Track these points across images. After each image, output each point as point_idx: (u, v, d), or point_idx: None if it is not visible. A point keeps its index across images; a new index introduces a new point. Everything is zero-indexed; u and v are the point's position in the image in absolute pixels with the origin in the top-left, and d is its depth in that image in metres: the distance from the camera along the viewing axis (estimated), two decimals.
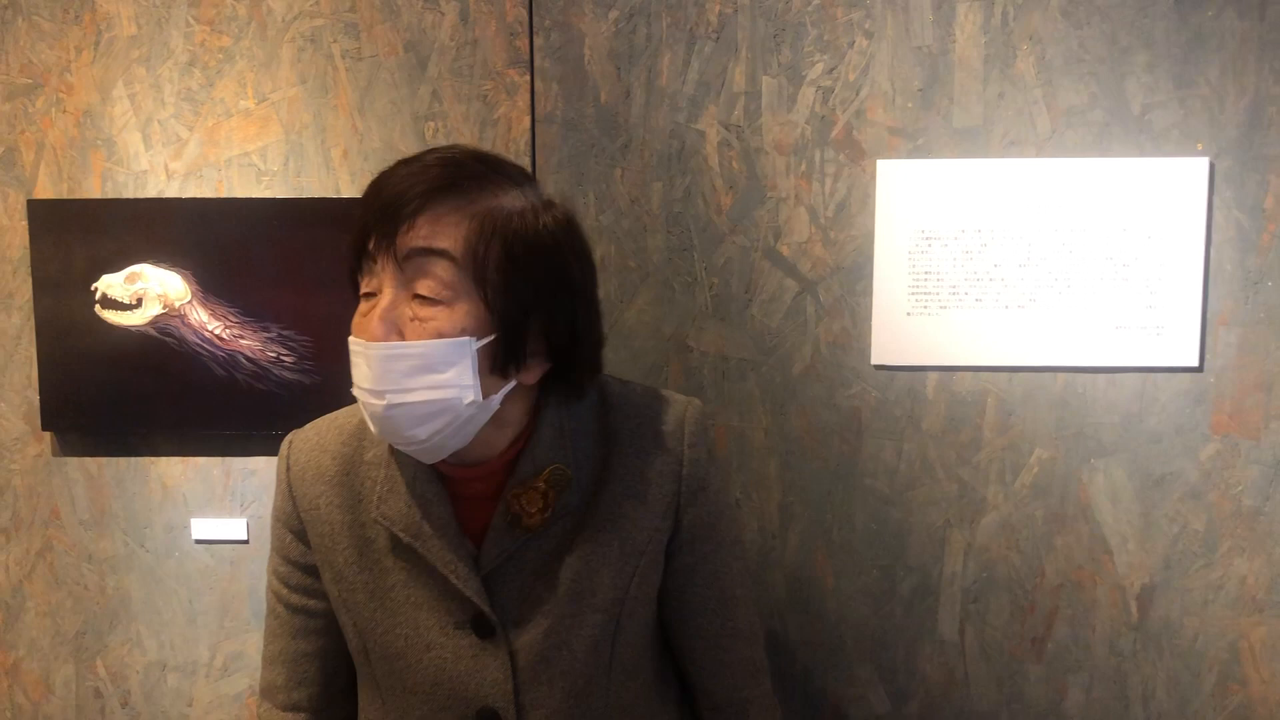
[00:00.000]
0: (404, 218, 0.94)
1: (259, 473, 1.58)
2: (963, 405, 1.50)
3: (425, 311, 0.95)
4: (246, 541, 1.59)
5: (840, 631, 1.55)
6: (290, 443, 1.15)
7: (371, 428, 1.00)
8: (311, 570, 1.12)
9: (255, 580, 1.60)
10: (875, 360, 1.49)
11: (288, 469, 1.13)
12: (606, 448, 1.08)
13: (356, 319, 0.99)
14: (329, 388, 1.52)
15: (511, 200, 0.98)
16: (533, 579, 1.05)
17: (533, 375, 1.02)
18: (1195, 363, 1.46)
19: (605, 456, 1.08)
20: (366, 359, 0.96)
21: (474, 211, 0.95)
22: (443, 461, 1.04)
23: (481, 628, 1.05)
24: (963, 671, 1.54)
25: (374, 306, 0.96)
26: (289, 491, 1.12)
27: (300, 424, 1.51)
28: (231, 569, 1.60)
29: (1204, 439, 1.47)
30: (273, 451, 1.57)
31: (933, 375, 1.50)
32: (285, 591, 1.15)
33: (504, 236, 0.95)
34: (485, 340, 0.96)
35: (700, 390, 1.52)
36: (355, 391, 0.99)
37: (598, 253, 1.50)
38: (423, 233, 0.94)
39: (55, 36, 1.53)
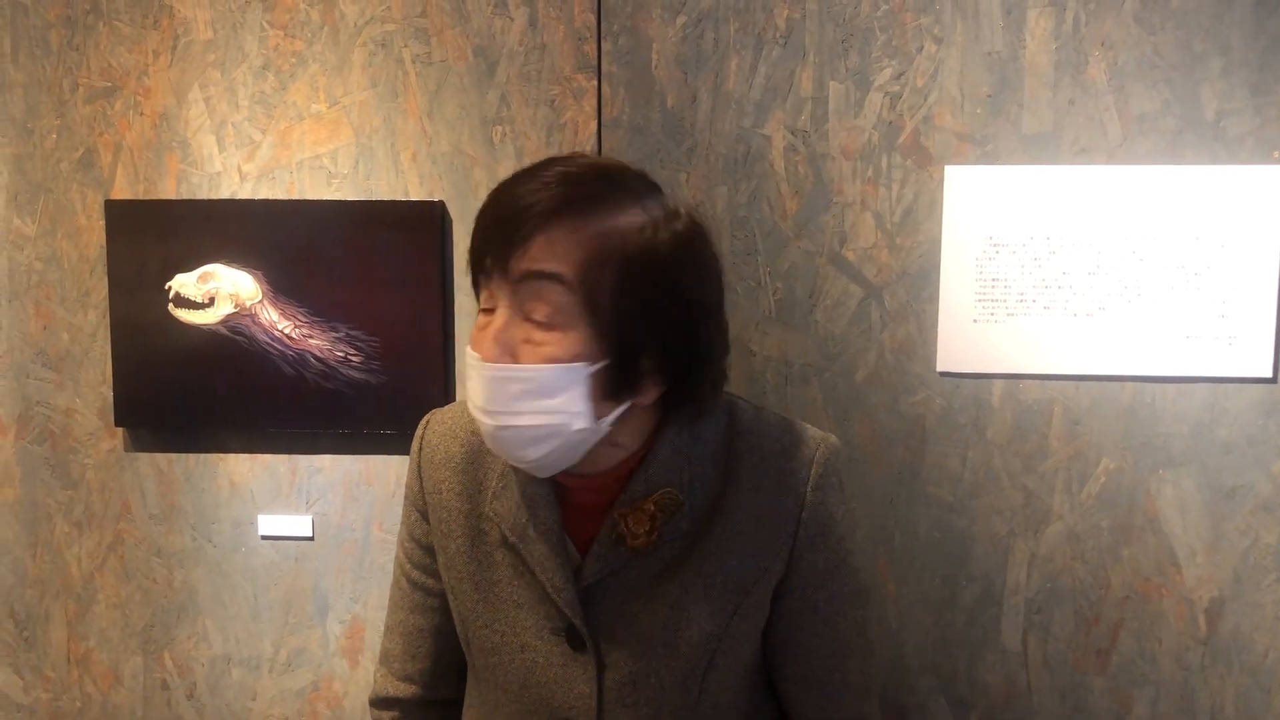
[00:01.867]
0: (518, 240, 0.92)
1: (325, 470, 1.60)
2: (1029, 414, 1.48)
3: (538, 335, 0.93)
4: (311, 538, 1.61)
5: (901, 640, 1.54)
6: (427, 423, 1.16)
7: (486, 441, 1.01)
8: (432, 550, 1.14)
9: (319, 576, 1.62)
10: (940, 367, 1.49)
11: (420, 449, 1.14)
12: (726, 476, 1.04)
13: (474, 332, 0.98)
14: (396, 387, 1.54)
15: (630, 218, 0.94)
16: (632, 599, 1.03)
17: (649, 396, 0.99)
18: (1268, 373, 1.44)
19: (724, 485, 1.04)
20: (480, 377, 0.95)
21: (589, 234, 0.92)
22: None
23: (574, 639, 1.04)
24: (1025, 683, 1.52)
25: (489, 324, 0.95)
26: (418, 471, 1.14)
27: (366, 423, 1.55)
28: (296, 565, 1.62)
29: (1277, 451, 1.45)
30: (339, 450, 1.60)
31: (999, 383, 1.49)
32: (408, 566, 1.17)
33: (619, 260, 0.93)
34: (598, 366, 0.94)
35: (763, 395, 1.52)
36: (469, 406, 0.99)
37: None
38: (537, 256, 0.92)
39: (134, 41, 1.56)
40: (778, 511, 1.04)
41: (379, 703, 1.21)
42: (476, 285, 0.99)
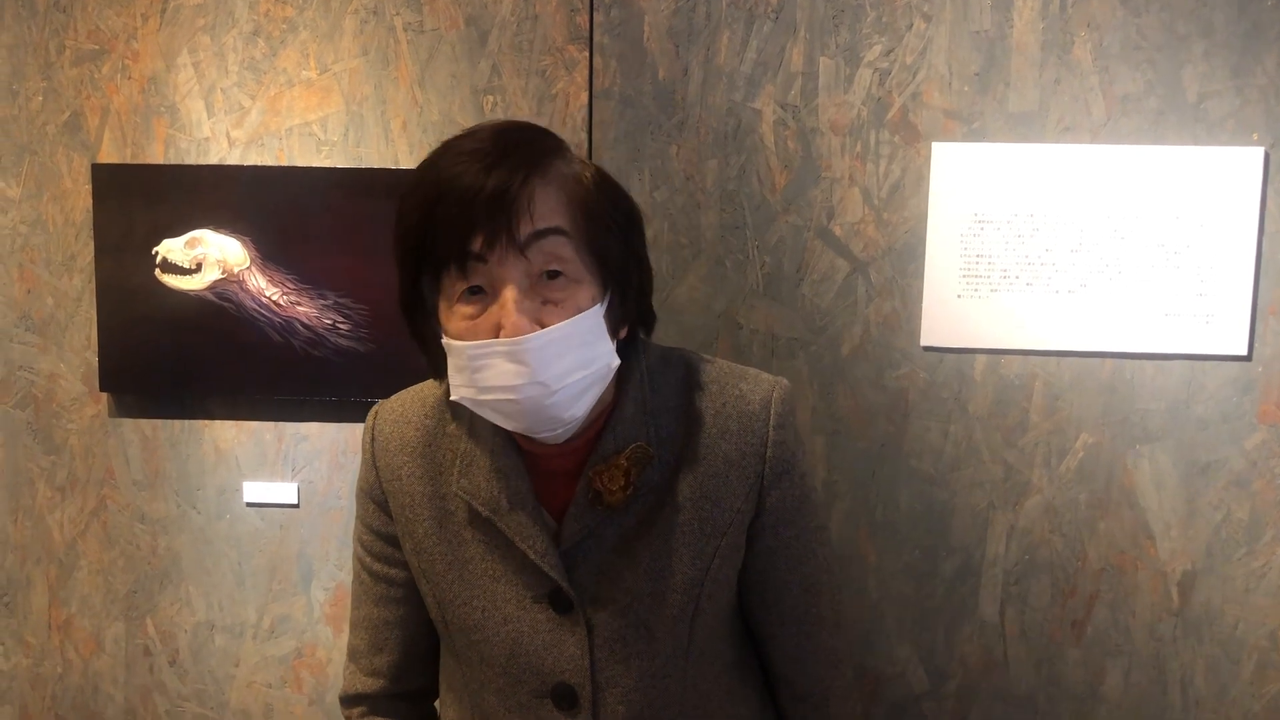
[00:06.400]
0: (520, 209, 0.92)
1: (311, 438, 1.61)
2: (1010, 388, 1.51)
3: (557, 294, 0.94)
4: (297, 506, 1.62)
5: (881, 610, 1.57)
6: (376, 414, 1.14)
7: (509, 425, 0.99)
8: (393, 540, 1.13)
9: (304, 544, 1.62)
10: (924, 342, 1.51)
11: (372, 440, 1.12)
12: (690, 426, 1.06)
13: (462, 323, 0.95)
14: (383, 355, 1.55)
15: (573, 164, 0.99)
16: (612, 556, 1.05)
17: (623, 330, 1.03)
18: (1244, 351, 1.47)
19: (688, 434, 1.06)
20: (513, 356, 0.93)
21: (561, 183, 0.96)
22: (524, 438, 1.03)
23: (559, 603, 1.04)
24: (1002, 653, 1.55)
25: (494, 304, 0.94)
26: (373, 462, 1.12)
27: (353, 391, 1.55)
28: (281, 533, 1.62)
29: (1250, 428, 1.48)
30: (325, 418, 1.60)
31: (981, 358, 1.51)
32: (369, 560, 1.15)
33: (585, 200, 0.97)
34: (605, 303, 0.99)
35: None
36: (487, 395, 0.96)
37: (650, 229, 1.50)
38: (539, 214, 0.93)
39: (123, 4, 1.55)
40: (743, 453, 1.06)
41: (347, 700, 1.20)
42: (442, 274, 0.95)
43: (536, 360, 0.93)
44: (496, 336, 0.94)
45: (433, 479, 1.09)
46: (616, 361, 0.99)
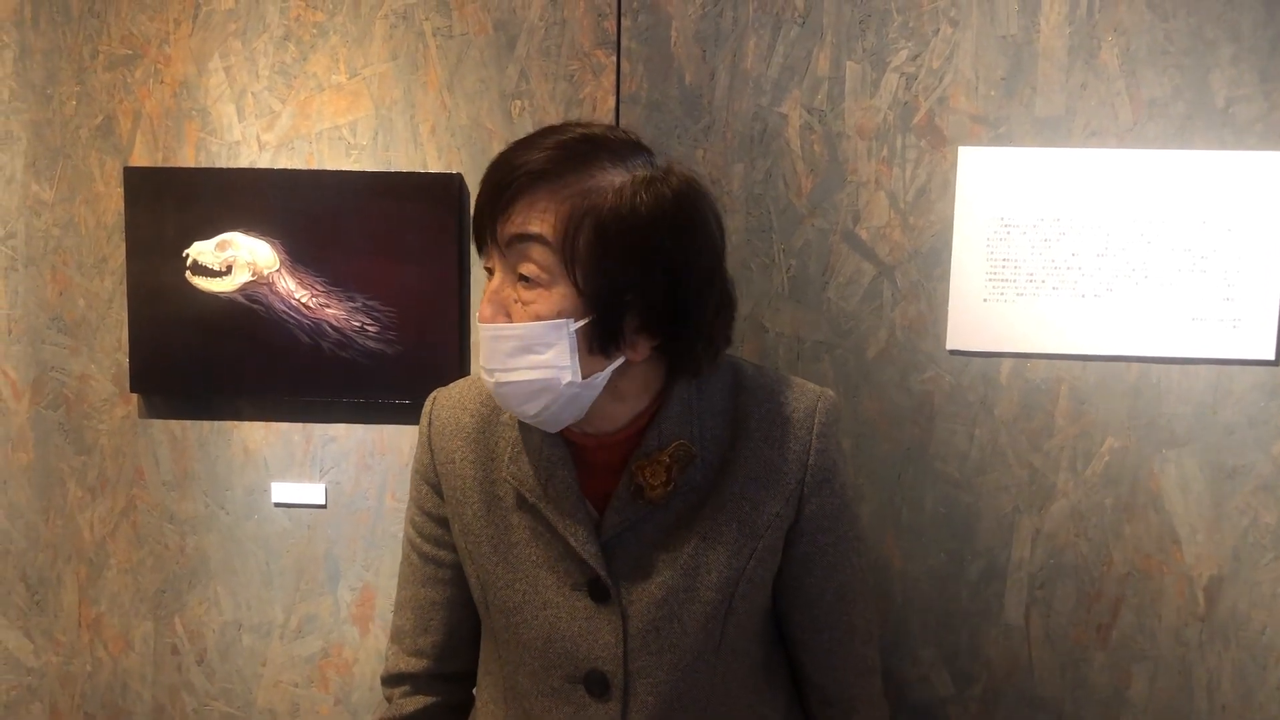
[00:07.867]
0: (503, 204, 0.98)
1: (339, 439, 1.62)
2: (1036, 392, 1.51)
3: (527, 294, 0.99)
4: (324, 506, 1.63)
5: (906, 614, 1.57)
6: (434, 399, 1.20)
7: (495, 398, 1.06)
8: (444, 522, 1.18)
9: (332, 544, 1.64)
10: (950, 345, 1.51)
11: (429, 424, 1.18)
12: (735, 429, 1.10)
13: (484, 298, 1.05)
14: (411, 358, 1.56)
15: (610, 178, 0.98)
16: (651, 550, 1.08)
17: (640, 353, 1.02)
18: (1271, 356, 1.46)
19: (733, 438, 1.09)
20: (481, 338, 1.02)
21: (568, 194, 0.97)
22: (569, 429, 1.07)
23: (597, 592, 1.08)
24: (1027, 657, 1.55)
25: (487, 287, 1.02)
26: (429, 445, 1.17)
27: (381, 392, 1.57)
28: (309, 533, 1.64)
29: (1278, 432, 1.48)
30: (353, 419, 1.61)
31: (1007, 361, 1.51)
32: (419, 540, 1.20)
33: (595, 218, 0.96)
34: (582, 322, 0.98)
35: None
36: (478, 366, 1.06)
37: None
38: (518, 219, 0.98)
39: (155, 9, 1.57)
40: (786, 459, 1.09)
41: (389, 679, 1.23)
42: (481, 250, 1.05)
43: (487, 349, 1.02)
44: None
45: (484, 464, 1.13)
46: (576, 379, 0.99)
